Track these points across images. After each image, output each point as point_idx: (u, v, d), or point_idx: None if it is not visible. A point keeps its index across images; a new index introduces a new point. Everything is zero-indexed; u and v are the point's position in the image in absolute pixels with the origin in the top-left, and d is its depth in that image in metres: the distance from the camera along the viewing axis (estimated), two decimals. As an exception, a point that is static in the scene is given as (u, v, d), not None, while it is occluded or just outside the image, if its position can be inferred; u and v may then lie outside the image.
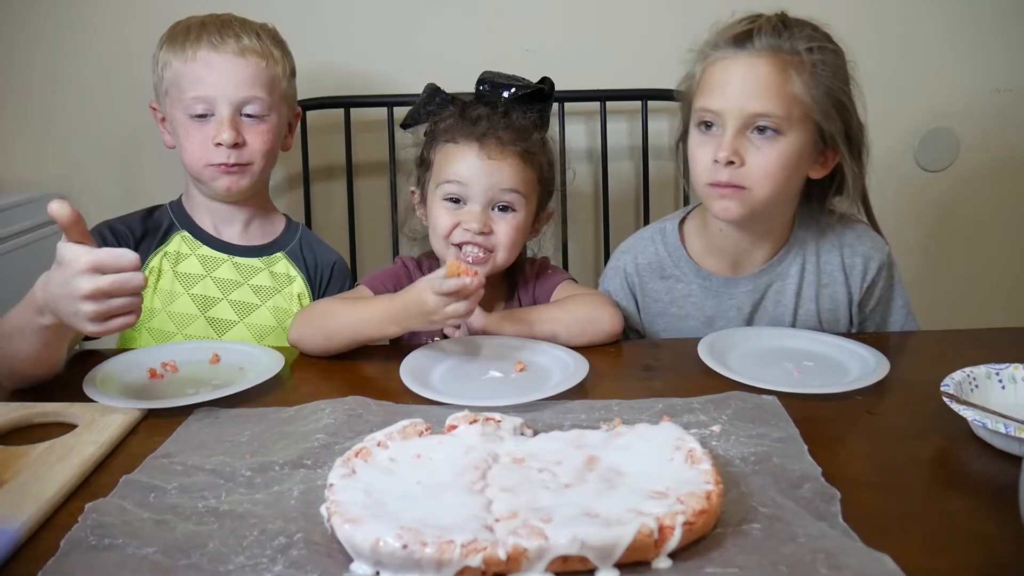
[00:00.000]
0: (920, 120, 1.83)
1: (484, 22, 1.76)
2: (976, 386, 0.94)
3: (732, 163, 1.14)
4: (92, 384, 1.02)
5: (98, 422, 0.92)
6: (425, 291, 1.05)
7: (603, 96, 1.72)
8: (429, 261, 1.34)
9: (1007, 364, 0.95)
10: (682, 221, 1.34)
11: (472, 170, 1.20)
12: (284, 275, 1.37)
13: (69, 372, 1.07)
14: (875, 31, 1.35)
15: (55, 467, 0.82)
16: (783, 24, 1.15)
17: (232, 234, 1.37)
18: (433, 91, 1.30)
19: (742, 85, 1.14)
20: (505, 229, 1.22)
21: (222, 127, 1.26)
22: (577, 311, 1.20)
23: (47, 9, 1.74)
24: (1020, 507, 0.64)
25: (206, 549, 0.69)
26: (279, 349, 1.16)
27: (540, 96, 1.28)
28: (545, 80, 1.30)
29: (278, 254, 1.38)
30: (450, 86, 1.31)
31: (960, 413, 0.86)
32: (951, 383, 0.92)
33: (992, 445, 0.85)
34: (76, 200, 1.77)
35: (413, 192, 1.33)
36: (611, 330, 1.19)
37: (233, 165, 1.28)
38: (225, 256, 1.35)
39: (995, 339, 1.17)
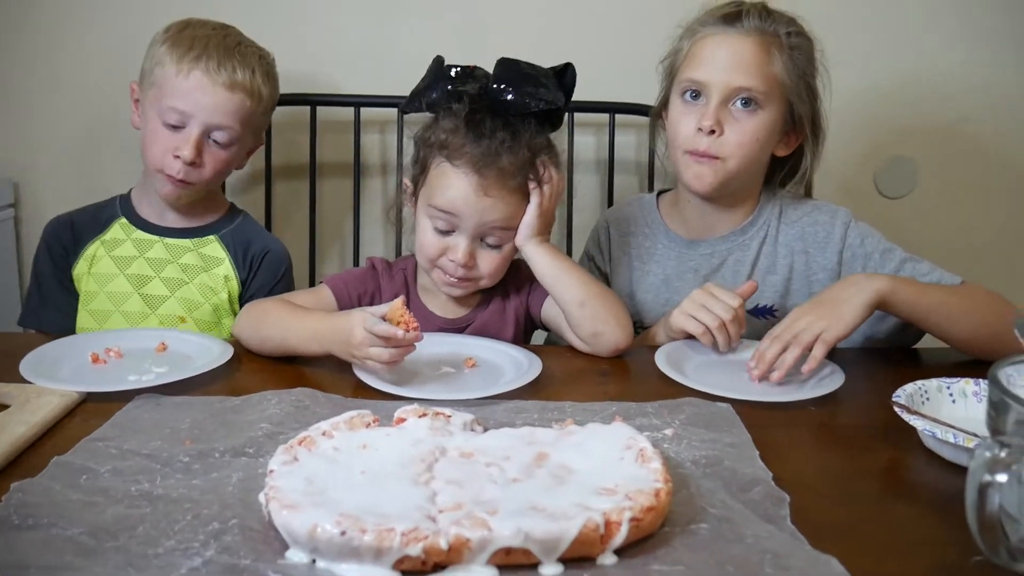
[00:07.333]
0: (881, 148, 1.86)
1: (453, 33, 1.75)
2: (927, 399, 0.94)
3: (713, 132, 1.21)
4: (30, 365, 0.99)
5: (32, 403, 0.88)
6: (358, 324, 1.00)
7: (571, 109, 1.72)
8: (403, 263, 1.29)
9: (958, 379, 0.96)
10: (659, 194, 1.43)
11: (465, 204, 1.13)
12: (212, 257, 1.40)
13: (7, 353, 1.04)
14: (839, 59, 1.39)
15: (-18, 446, 0.78)
16: (766, 11, 1.24)
17: (172, 218, 1.41)
18: (439, 74, 1.19)
19: (729, 59, 1.21)
20: (489, 262, 1.18)
21: (186, 143, 1.30)
22: (609, 300, 1.17)
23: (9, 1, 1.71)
24: (968, 514, 0.63)
25: (135, 532, 0.66)
26: (228, 340, 1.13)
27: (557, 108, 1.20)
28: (565, 78, 1.20)
29: (210, 236, 1.41)
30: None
31: (910, 423, 0.86)
32: (903, 394, 0.92)
33: (941, 456, 0.85)
34: (35, 188, 1.74)
35: (407, 186, 1.26)
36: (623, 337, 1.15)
37: (180, 180, 1.32)
38: (156, 238, 1.39)
39: (950, 357, 1.18)
